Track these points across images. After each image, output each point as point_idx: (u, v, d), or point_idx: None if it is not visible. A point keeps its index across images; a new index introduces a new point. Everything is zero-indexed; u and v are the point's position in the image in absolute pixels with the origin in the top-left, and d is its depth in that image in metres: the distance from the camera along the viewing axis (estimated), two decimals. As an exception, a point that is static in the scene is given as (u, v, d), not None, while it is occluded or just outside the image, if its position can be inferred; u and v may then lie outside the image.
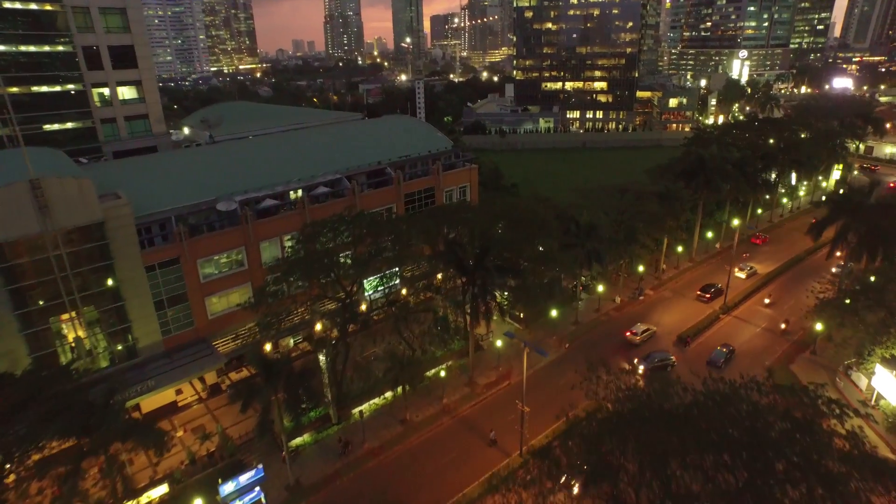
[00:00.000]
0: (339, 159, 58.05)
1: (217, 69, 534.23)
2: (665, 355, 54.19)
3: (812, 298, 59.79)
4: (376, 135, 65.89)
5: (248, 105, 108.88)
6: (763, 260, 78.71)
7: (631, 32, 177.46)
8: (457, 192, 64.98)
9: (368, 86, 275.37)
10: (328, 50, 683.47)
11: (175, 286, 44.47)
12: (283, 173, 53.82)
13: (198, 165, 52.38)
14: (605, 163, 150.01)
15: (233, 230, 46.84)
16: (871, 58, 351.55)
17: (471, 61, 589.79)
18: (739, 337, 59.48)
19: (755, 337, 59.73)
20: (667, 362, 53.62)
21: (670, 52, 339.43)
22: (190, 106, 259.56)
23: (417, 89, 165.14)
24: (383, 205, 57.67)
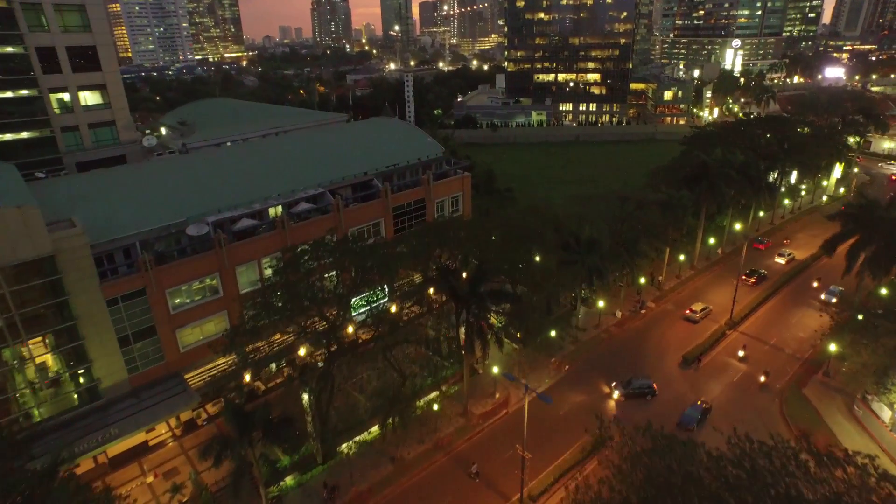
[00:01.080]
0: (322, 170, 53.89)
1: (202, 57, 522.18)
2: (646, 382, 51.07)
3: (802, 331, 59.31)
4: (362, 141, 61.70)
5: (228, 103, 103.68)
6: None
7: (625, 23, 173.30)
8: (449, 203, 61.15)
9: (356, 76, 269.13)
10: (315, 37, 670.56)
11: (142, 319, 40.44)
12: (261, 188, 49.62)
13: (167, 181, 47.98)
14: (599, 158, 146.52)
15: (205, 256, 42.76)
16: (861, 46, 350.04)
17: (460, 49, 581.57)
18: (748, 357, 56.51)
19: (764, 355, 56.85)
20: (646, 390, 50.58)
21: (662, 41, 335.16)
22: (173, 98, 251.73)
23: (406, 82, 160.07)
24: (370, 220, 53.76)
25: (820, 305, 64.71)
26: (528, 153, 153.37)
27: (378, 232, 55.01)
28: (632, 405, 49.55)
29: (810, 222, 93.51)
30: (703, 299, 67.31)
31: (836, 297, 65.20)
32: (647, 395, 50.45)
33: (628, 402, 50.13)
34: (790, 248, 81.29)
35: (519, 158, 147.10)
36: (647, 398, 50.31)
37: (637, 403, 49.80)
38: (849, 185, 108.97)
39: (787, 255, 78.11)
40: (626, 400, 50.33)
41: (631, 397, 50.40)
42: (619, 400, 50.47)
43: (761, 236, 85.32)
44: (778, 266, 76.57)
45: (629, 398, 50.36)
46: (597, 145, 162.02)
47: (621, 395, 50.44)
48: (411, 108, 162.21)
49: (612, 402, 50.54)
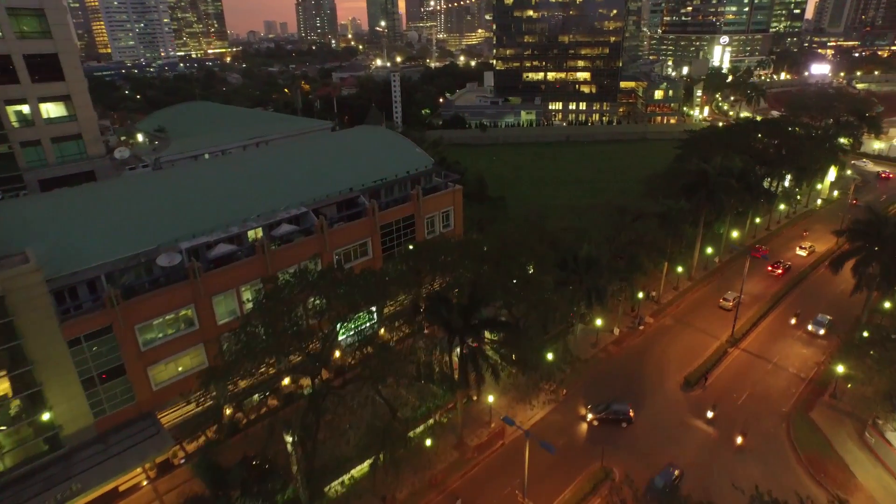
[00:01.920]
0: (304, 187, 50.68)
1: (184, 54, 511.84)
2: (622, 408, 48.74)
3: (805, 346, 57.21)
4: (347, 153, 58.51)
5: (208, 107, 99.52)
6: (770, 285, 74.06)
7: (615, 20, 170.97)
8: (439, 218, 58.25)
9: (342, 74, 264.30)
10: (301, 32, 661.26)
11: (108, 359, 37.18)
12: (239, 208, 46.35)
13: (137, 203, 44.50)
14: (591, 158, 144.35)
15: (178, 287, 39.53)
16: (845, 42, 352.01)
17: (447, 44, 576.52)
18: (750, 377, 54.53)
19: (768, 375, 54.88)
20: (621, 416, 48.32)
21: (651, 37, 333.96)
22: (154, 97, 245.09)
23: (394, 82, 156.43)
24: (356, 240, 50.74)
25: (807, 337, 60.26)
26: (518, 154, 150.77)
27: (365, 252, 52.07)
28: (606, 431, 47.58)
29: (809, 226, 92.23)
30: (702, 314, 65.46)
31: (824, 327, 60.02)
32: (622, 421, 48.25)
33: (603, 427, 48.12)
34: (810, 241, 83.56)
35: (509, 159, 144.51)
36: (623, 425, 48.11)
37: (612, 430, 47.74)
38: (843, 187, 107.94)
39: (807, 247, 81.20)
40: (599, 425, 48.37)
41: (605, 422, 48.34)
42: (591, 423, 48.54)
43: (759, 244, 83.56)
44: (800, 258, 79.65)
45: (603, 423, 48.36)
46: (588, 145, 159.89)
47: (595, 419, 48.49)
48: (398, 108, 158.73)
49: (584, 426, 48.60)
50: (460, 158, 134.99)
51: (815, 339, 59.67)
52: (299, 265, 46.81)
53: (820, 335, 59.95)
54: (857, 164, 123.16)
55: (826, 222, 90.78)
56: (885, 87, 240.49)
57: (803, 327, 61.75)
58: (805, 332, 61.11)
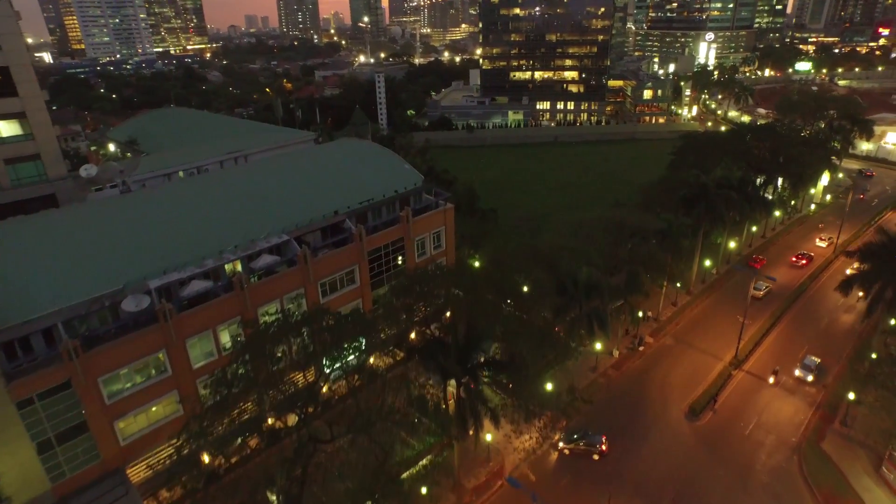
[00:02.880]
0: (286, 212, 47.09)
1: (163, 50, 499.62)
2: (596, 440, 46.36)
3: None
4: (331, 171, 54.90)
5: (184, 114, 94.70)
6: (765, 290, 72.10)
7: (602, 19, 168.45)
8: (430, 240, 55.00)
9: (325, 72, 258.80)
10: (282, 27, 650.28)
11: (67, 417, 33.46)
12: (215, 238, 42.66)
13: (101, 235, 40.55)
14: (580, 160, 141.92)
15: (147, 332, 35.84)
16: (826, 38, 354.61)
17: (431, 40, 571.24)
18: (757, 403, 52.38)
19: (775, 399, 52.81)
20: (592, 449, 46.04)
21: (636, 33, 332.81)
22: (130, 97, 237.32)
23: (378, 82, 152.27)
24: (342, 268, 47.30)
25: (793, 384, 54.45)
26: (506, 156, 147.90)
27: (352, 279, 48.66)
28: (580, 463, 45.56)
29: (805, 231, 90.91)
30: (703, 332, 63.36)
31: (812, 372, 54.25)
32: (593, 454, 45.97)
33: (574, 458, 46.20)
34: (827, 233, 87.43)
35: (497, 162, 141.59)
36: (595, 457, 45.84)
37: (587, 463, 45.63)
38: (834, 190, 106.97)
39: (827, 238, 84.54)
40: (570, 454, 46.35)
41: (575, 454, 46.25)
42: (562, 452, 46.42)
43: (755, 253, 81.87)
44: (820, 249, 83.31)
45: (574, 454, 46.28)
46: (576, 146, 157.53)
47: (566, 448, 46.32)
48: (384, 109, 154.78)
49: (555, 455, 46.46)
50: (447, 161, 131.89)
51: (803, 387, 56.33)
52: (281, 299, 43.67)
53: (808, 381, 54.21)
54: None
55: (828, 222, 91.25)
56: (865, 84, 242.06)
57: (789, 375, 55.72)
58: (792, 380, 55.22)
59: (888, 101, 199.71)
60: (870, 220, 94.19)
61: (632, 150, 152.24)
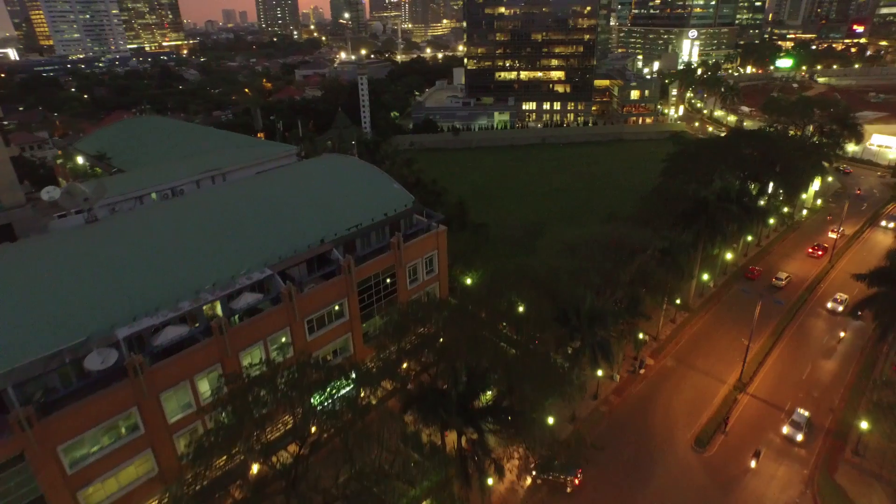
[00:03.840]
0: (268, 242, 43.77)
1: (137, 46, 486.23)
2: (570, 471, 43.80)
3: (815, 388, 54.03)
4: (316, 194, 51.49)
5: (158, 124, 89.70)
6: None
7: (588, 18, 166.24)
8: (422, 265, 52.13)
9: (306, 71, 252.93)
10: (261, 23, 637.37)
11: (20, 494, 29.93)
12: (191, 276, 39.21)
13: (60, 276, 36.81)
14: (569, 162, 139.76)
15: (115, 390, 32.44)
16: (803, 35, 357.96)
17: (413, 35, 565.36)
18: (764, 431, 50.52)
19: (780, 424, 50.93)
20: (565, 481, 43.70)
21: (619, 30, 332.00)
22: (103, 98, 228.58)
23: (361, 85, 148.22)
24: (330, 303, 44.23)
25: (780, 443, 48.86)
26: (493, 158, 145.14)
27: (341, 314, 45.58)
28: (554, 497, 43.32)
29: (799, 237, 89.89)
30: (705, 351, 61.53)
31: (802, 430, 48.44)
32: (566, 486, 43.72)
33: (547, 488, 43.85)
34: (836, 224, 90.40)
35: (484, 165, 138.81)
36: (567, 490, 43.58)
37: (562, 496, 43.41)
38: (824, 195, 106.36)
39: (838, 230, 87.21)
40: (541, 483, 44.00)
41: (548, 483, 44.01)
42: (535, 480, 44.03)
43: (751, 264, 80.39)
44: (831, 241, 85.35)
45: (546, 483, 44.02)
46: (564, 147, 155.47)
47: (538, 478, 43.95)
48: (367, 112, 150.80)
49: (527, 482, 44.01)
50: (433, 166, 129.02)
51: (821, 375, 55.78)
52: (265, 341, 40.44)
53: (797, 441, 48.50)
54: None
55: (822, 222, 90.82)
56: (843, 82, 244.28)
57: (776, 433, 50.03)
58: (779, 438, 49.61)
59: (866, 99, 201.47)
60: (872, 214, 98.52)
61: (620, 152, 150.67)
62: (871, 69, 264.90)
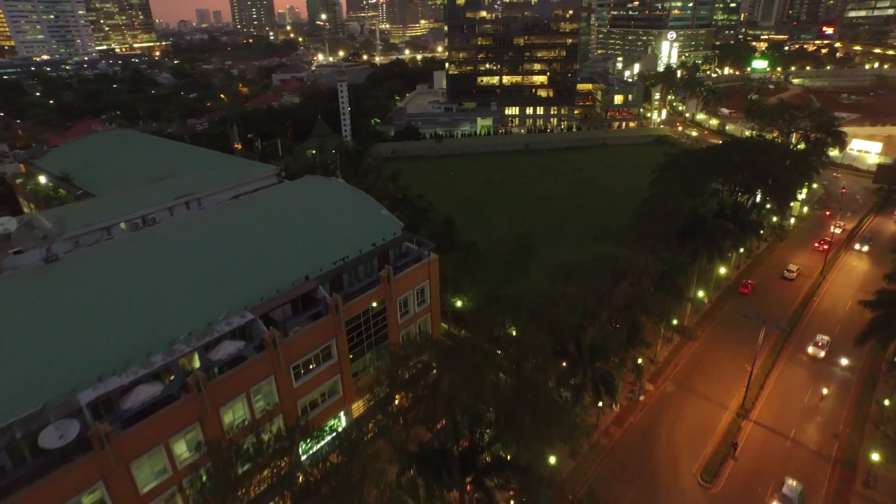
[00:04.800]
0: (248, 282, 40.45)
1: (107, 48, 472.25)
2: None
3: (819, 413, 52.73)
4: (298, 223, 48.17)
5: (128, 139, 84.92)
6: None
7: (571, 22, 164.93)
8: (413, 297, 49.24)
9: (283, 75, 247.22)
10: (236, 23, 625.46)
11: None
12: (163, 325, 35.71)
13: (9, 332, 32.89)
14: (554, 169, 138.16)
15: (77, 465, 28.95)
16: (776, 36, 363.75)
17: (391, 36, 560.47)
18: (770, 461, 48.97)
19: (789, 456, 49.43)
20: None
21: (598, 31, 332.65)
22: (70, 104, 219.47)
23: (340, 91, 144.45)
24: (317, 346, 41.11)
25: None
26: (477, 166, 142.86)
27: (328, 355, 42.51)
28: None
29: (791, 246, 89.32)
30: (704, 374, 59.99)
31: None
32: None
33: None
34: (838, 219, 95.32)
35: (468, 173, 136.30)
36: None
37: None
38: (809, 202, 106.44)
39: (840, 224, 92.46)
40: None
41: None
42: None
43: (745, 278, 79.32)
44: (835, 235, 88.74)
45: None
46: (548, 153, 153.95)
47: None
48: (347, 120, 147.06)
49: None
50: (416, 175, 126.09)
51: (824, 404, 54.96)
52: (248, 393, 37.19)
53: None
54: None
55: (811, 230, 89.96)
56: (817, 83, 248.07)
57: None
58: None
59: (839, 100, 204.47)
60: (865, 213, 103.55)
61: (605, 157, 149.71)
62: (842, 70, 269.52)
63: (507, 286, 63.85)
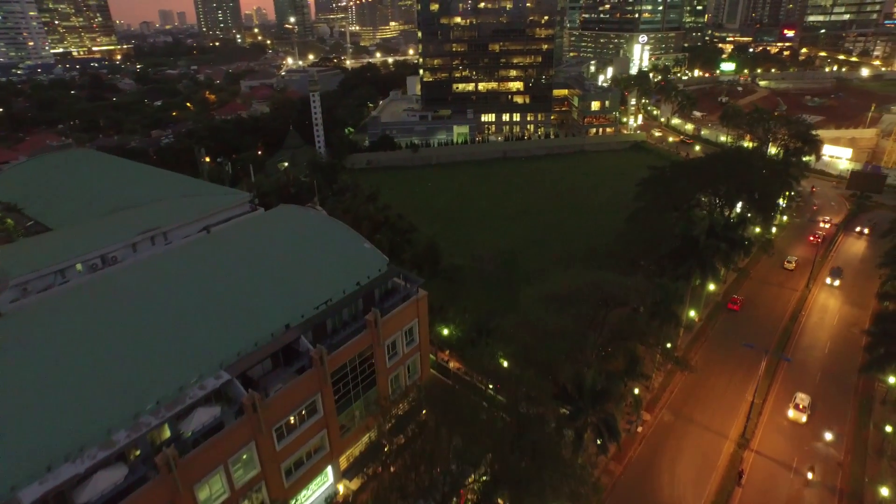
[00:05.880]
0: (222, 336, 36.72)
1: (64, 51, 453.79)
2: None
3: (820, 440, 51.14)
4: (275, 262, 44.50)
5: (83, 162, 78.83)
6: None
7: (546, 27, 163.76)
8: (402, 338, 46.13)
9: (252, 82, 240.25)
10: (202, 25, 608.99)
11: None
12: (127, 394, 31.80)
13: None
14: (533, 178, 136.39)
15: (25, 576, 25.02)
16: (741, 38, 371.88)
17: (361, 39, 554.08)
18: (776, 497, 47.46)
19: (793, 490, 48.02)
20: None
21: (570, 33, 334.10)
22: (23, 111, 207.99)
23: (313, 101, 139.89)
24: (301, 403, 37.66)
25: None
26: (454, 176, 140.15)
27: (314, 410, 39.09)
28: None
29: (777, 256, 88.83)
30: (701, 400, 58.34)
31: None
32: None
33: None
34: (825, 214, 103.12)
35: (446, 184, 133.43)
36: None
37: None
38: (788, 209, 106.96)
39: (827, 220, 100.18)
40: None
41: None
42: None
43: (732, 293, 78.49)
44: (824, 230, 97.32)
45: None
46: (526, 161, 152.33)
47: None
48: (320, 131, 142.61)
49: None
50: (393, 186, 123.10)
51: None
52: (226, 464, 33.50)
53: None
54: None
55: (793, 237, 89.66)
56: (782, 85, 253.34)
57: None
58: None
59: (803, 102, 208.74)
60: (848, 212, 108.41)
61: (583, 164, 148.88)
62: (804, 73, 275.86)
63: (495, 314, 61.03)
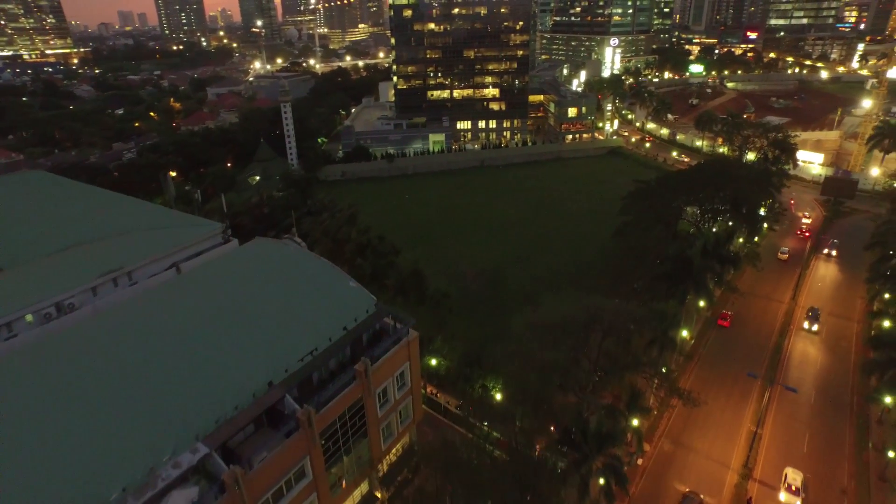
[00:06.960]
0: (197, 401, 33.05)
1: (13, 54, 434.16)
2: None
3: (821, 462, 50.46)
4: (252, 307, 40.69)
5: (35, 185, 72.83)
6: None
7: (521, 33, 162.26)
8: (393, 384, 43.12)
9: (219, 89, 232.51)
10: (163, 26, 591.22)
11: None
12: (86, 480, 28.01)
13: None
14: (512, 187, 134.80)
15: None
16: (707, 40, 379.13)
17: (330, 42, 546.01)
18: None
19: (800, 523, 46.89)
20: None
21: (541, 36, 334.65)
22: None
23: (284, 112, 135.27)
24: (288, 469, 34.32)
25: None
26: (432, 186, 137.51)
27: (302, 475, 35.76)
28: None
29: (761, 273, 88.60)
30: (701, 424, 56.99)
31: None
32: None
33: None
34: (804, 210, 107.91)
35: (423, 196, 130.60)
36: None
37: None
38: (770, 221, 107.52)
39: (808, 214, 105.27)
40: None
41: None
42: None
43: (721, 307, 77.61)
44: (806, 224, 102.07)
45: None
46: (504, 170, 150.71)
47: None
48: (293, 143, 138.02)
49: None
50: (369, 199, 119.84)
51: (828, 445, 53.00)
52: (203, 553, 29.92)
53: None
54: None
55: (776, 245, 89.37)
56: (748, 86, 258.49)
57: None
58: None
59: (769, 104, 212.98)
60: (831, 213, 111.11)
61: (562, 171, 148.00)
62: (769, 75, 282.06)
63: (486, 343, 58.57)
